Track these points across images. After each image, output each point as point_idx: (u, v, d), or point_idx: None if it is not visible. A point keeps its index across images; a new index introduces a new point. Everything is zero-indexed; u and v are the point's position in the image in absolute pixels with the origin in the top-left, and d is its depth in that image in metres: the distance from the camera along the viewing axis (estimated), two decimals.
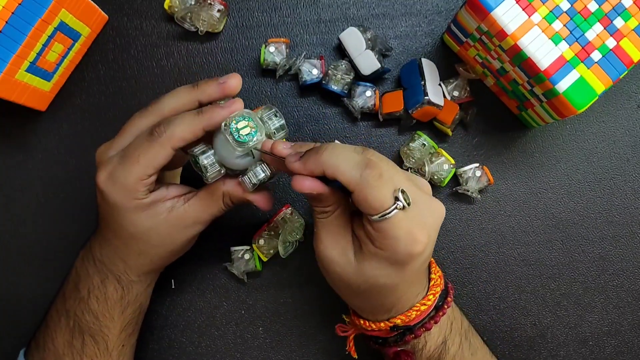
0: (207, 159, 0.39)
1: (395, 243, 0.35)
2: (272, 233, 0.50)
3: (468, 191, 0.51)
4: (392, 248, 0.35)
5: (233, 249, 0.50)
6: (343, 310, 0.46)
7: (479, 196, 0.51)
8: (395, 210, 0.34)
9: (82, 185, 0.52)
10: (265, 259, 0.50)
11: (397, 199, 0.34)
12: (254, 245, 0.50)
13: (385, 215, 0.34)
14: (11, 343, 0.50)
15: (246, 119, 0.38)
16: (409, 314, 0.39)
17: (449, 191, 0.52)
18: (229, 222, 0.52)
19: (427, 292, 0.41)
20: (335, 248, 0.38)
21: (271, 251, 0.50)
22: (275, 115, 0.41)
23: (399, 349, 0.41)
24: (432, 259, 0.43)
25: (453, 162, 0.51)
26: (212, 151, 0.40)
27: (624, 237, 0.53)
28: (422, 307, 0.40)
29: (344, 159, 0.35)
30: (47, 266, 0.51)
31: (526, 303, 0.52)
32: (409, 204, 0.34)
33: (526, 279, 0.52)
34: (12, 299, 0.52)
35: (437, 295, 0.41)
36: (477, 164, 0.51)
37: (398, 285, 0.38)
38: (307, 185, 0.36)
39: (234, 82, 0.40)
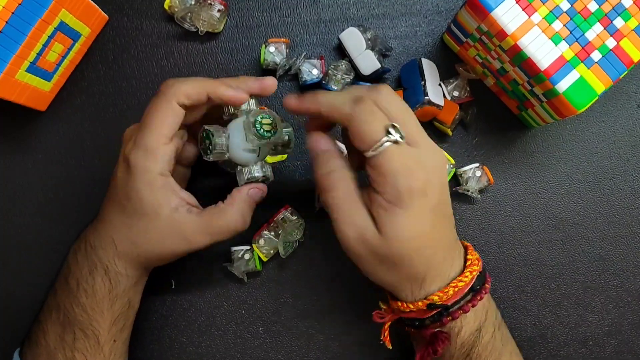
0: (219, 139, 0.41)
1: (393, 179, 0.35)
2: (272, 233, 0.50)
3: (468, 191, 0.51)
4: (392, 184, 0.35)
5: (233, 249, 0.50)
6: (345, 311, 0.46)
7: (479, 196, 0.51)
8: (388, 143, 0.35)
9: (82, 185, 0.52)
10: (265, 259, 0.50)
11: (388, 132, 0.35)
12: (254, 245, 0.50)
13: (378, 148, 0.35)
14: (10, 343, 0.50)
15: (270, 119, 0.41)
16: (446, 291, 0.39)
17: (449, 191, 0.52)
18: None
19: (464, 270, 0.40)
20: (354, 209, 0.38)
21: (271, 251, 0.50)
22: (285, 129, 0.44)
23: (435, 330, 0.40)
24: (470, 245, 0.43)
25: (453, 162, 0.51)
26: (227, 134, 0.42)
27: (624, 237, 0.53)
28: (460, 284, 0.39)
29: (337, 97, 0.38)
30: (46, 266, 0.51)
31: (526, 303, 0.52)
32: (402, 138, 0.35)
33: (526, 279, 0.52)
34: (11, 299, 0.51)
35: (474, 275, 0.40)
36: (477, 164, 0.51)
37: (418, 237, 0.37)
38: (323, 142, 0.39)
39: (270, 81, 0.43)
